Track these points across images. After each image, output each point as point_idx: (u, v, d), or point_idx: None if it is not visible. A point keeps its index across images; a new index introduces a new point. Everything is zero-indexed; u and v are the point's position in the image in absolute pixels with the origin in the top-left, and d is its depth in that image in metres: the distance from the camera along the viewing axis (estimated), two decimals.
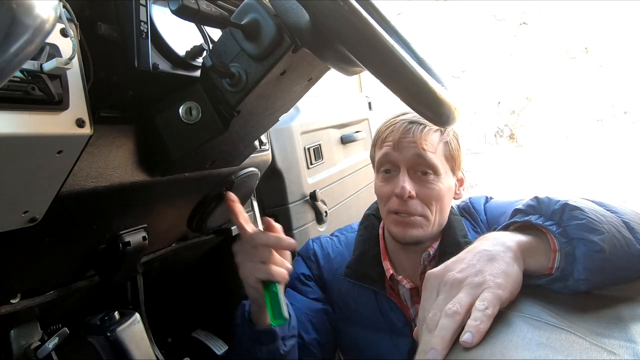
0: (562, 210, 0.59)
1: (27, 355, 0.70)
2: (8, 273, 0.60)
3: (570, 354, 0.43)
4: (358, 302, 1.01)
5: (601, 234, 0.56)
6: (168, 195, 0.75)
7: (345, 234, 1.12)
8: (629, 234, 0.59)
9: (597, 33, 5.70)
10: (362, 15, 0.46)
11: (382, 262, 1.00)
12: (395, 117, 0.99)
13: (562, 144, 5.57)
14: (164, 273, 1.06)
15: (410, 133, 0.93)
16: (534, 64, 5.86)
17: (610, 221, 0.59)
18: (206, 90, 0.59)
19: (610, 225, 0.58)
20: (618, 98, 5.57)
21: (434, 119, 0.57)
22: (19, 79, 0.40)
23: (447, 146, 0.95)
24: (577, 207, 0.59)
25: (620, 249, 0.57)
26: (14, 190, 0.44)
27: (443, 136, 0.95)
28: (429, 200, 0.93)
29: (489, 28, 6.04)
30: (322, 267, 1.06)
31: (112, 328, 0.78)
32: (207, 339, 1.14)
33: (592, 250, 0.55)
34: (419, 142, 0.91)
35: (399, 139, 0.93)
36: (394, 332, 0.97)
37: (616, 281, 0.58)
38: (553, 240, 0.59)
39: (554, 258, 0.58)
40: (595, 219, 0.58)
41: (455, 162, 0.97)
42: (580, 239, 0.56)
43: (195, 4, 0.47)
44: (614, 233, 0.58)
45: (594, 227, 0.57)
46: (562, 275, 0.56)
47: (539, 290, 0.57)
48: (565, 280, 0.56)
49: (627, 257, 0.58)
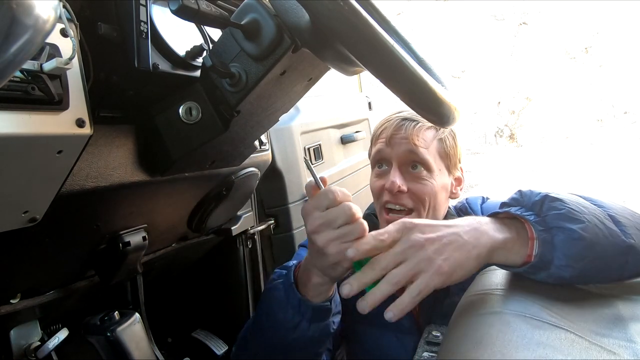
0: (542, 201, 0.62)
1: (27, 355, 0.70)
2: (8, 273, 0.60)
3: (570, 354, 0.43)
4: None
5: (581, 223, 0.58)
6: (168, 195, 0.75)
7: None
8: (613, 226, 0.61)
9: (597, 33, 5.70)
10: (362, 15, 0.46)
11: None
12: (390, 115, 0.99)
13: (562, 144, 5.57)
14: (164, 273, 1.07)
15: (403, 129, 0.93)
16: (534, 64, 5.86)
17: (593, 213, 0.61)
18: (206, 90, 0.59)
19: (592, 217, 0.60)
20: (618, 98, 5.57)
21: (434, 119, 0.57)
22: (19, 79, 0.40)
23: (442, 143, 0.95)
24: (557, 199, 0.61)
25: (604, 238, 0.59)
26: (14, 190, 0.44)
27: (437, 133, 0.95)
28: (420, 195, 0.93)
29: (489, 28, 6.04)
30: None
31: (112, 328, 0.78)
32: (207, 339, 1.14)
33: (571, 237, 0.57)
34: (411, 138, 0.92)
35: (392, 135, 0.94)
36: (400, 331, 0.97)
37: (602, 271, 0.60)
38: (530, 229, 0.61)
39: (532, 246, 0.60)
40: (576, 210, 0.60)
41: (450, 160, 0.97)
42: (559, 227, 0.59)
43: (195, 4, 0.47)
44: (596, 223, 0.60)
45: (574, 217, 0.59)
46: (542, 263, 0.58)
47: (539, 290, 0.57)
48: (547, 268, 0.58)
49: (612, 247, 0.59)
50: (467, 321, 0.54)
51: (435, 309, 0.94)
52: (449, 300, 0.93)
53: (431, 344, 0.80)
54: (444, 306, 0.93)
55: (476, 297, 0.60)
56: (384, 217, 0.95)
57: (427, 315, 0.95)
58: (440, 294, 0.94)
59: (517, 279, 0.62)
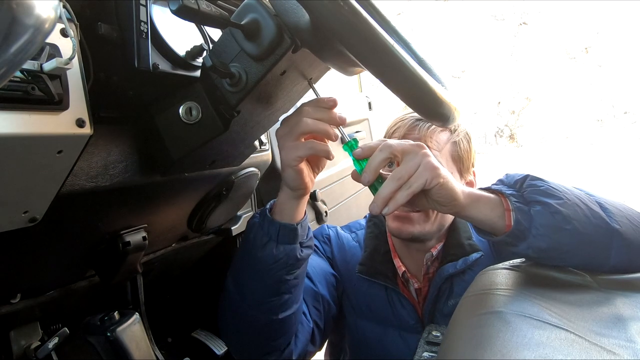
0: (523, 179, 0.67)
1: (27, 355, 0.70)
2: (8, 273, 0.60)
3: (570, 354, 0.43)
4: (368, 296, 1.01)
5: (559, 199, 0.62)
6: (168, 195, 0.75)
7: (356, 232, 1.12)
8: (599, 210, 0.64)
9: (597, 33, 5.70)
10: (362, 15, 0.46)
11: (392, 259, 1.01)
12: (404, 114, 0.99)
13: (562, 144, 5.57)
14: (164, 273, 1.07)
15: (416, 130, 0.93)
16: (534, 64, 5.86)
17: (576, 194, 0.65)
18: (206, 90, 0.59)
19: (573, 197, 0.64)
20: (618, 98, 5.57)
21: (434, 119, 0.57)
22: (19, 79, 0.40)
23: (456, 146, 0.95)
24: (538, 178, 0.66)
25: (584, 217, 0.62)
26: (14, 190, 0.44)
27: (452, 136, 0.95)
28: None
29: (489, 28, 6.04)
30: (335, 254, 1.07)
31: (112, 328, 0.78)
32: (207, 339, 1.14)
33: (548, 210, 0.62)
34: (424, 139, 0.91)
35: (405, 135, 0.94)
36: (404, 329, 0.97)
37: (582, 248, 0.63)
38: (506, 201, 0.66)
39: (509, 217, 0.65)
40: (556, 188, 0.64)
41: (463, 164, 0.96)
42: (537, 201, 0.63)
43: (195, 4, 0.47)
44: (576, 202, 0.63)
45: (552, 194, 0.63)
46: (520, 232, 0.63)
47: (539, 290, 0.57)
48: (525, 237, 0.62)
49: (593, 227, 0.62)
50: (467, 321, 0.54)
51: (439, 309, 0.94)
52: (453, 300, 0.93)
53: (431, 344, 0.80)
54: (448, 306, 0.94)
55: (476, 297, 0.60)
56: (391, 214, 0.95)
57: (431, 314, 0.95)
58: (443, 294, 0.94)
59: (517, 279, 0.62)
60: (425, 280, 0.98)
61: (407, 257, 1.01)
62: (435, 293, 0.94)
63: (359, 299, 1.02)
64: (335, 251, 1.07)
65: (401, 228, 0.93)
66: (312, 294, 0.94)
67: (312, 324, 0.92)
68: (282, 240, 0.74)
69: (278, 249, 0.74)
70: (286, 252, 0.74)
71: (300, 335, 0.87)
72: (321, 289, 0.96)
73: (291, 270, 0.75)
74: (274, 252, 0.73)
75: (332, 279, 1.02)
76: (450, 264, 0.93)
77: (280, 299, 0.77)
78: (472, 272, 0.93)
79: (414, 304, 0.98)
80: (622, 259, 0.63)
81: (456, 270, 0.93)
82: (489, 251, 0.95)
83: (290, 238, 0.74)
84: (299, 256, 0.75)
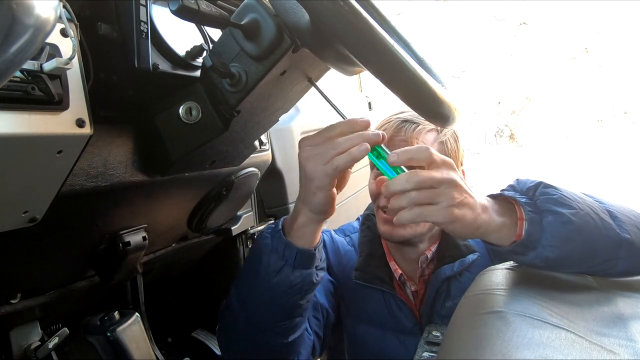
0: (535, 187, 0.65)
1: (27, 355, 0.70)
2: (8, 273, 0.60)
3: (570, 353, 0.43)
4: (366, 300, 1.00)
5: (572, 209, 0.61)
6: (168, 195, 0.75)
7: (350, 235, 1.12)
8: (609, 219, 0.63)
9: (597, 33, 5.70)
10: (362, 15, 0.46)
11: (388, 262, 1.00)
12: (391, 116, 0.98)
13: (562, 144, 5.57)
14: (164, 273, 1.07)
15: (402, 131, 0.91)
16: (534, 64, 5.86)
17: (588, 204, 0.63)
18: (206, 90, 0.59)
19: (586, 206, 0.62)
20: (618, 98, 5.57)
21: (434, 119, 0.57)
22: (19, 79, 0.40)
23: (443, 146, 0.93)
24: (551, 186, 0.64)
25: (595, 228, 0.61)
26: (14, 190, 0.44)
27: (439, 136, 0.93)
28: None
29: (489, 28, 6.04)
30: (331, 259, 1.06)
31: (112, 328, 0.78)
32: (207, 339, 1.14)
33: (559, 221, 0.60)
34: (410, 140, 0.90)
35: (391, 137, 0.92)
36: (402, 332, 0.97)
37: (590, 258, 0.62)
38: (520, 210, 0.63)
39: (521, 226, 0.63)
40: (569, 197, 0.62)
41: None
42: (549, 210, 0.61)
43: (195, 4, 0.47)
44: (588, 212, 0.62)
45: (565, 203, 0.61)
46: (530, 242, 0.61)
47: (540, 290, 0.57)
48: (534, 247, 0.60)
49: (603, 237, 0.61)
50: (467, 321, 0.54)
51: (436, 311, 0.94)
52: (450, 302, 0.93)
53: (431, 344, 0.80)
54: (445, 308, 0.93)
55: (476, 297, 0.60)
56: (380, 216, 0.95)
57: (429, 317, 0.95)
58: (440, 297, 0.94)
59: (517, 279, 0.62)
60: (421, 283, 0.97)
61: (401, 260, 1.00)
62: (432, 296, 0.94)
63: (356, 304, 1.02)
64: (331, 257, 1.06)
65: (392, 232, 0.92)
66: (312, 304, 0.92)
67: (313, 335, 0.90)
68: (298, 265, 0.70)
69: (294, 274, 0.70)
70: (302, 277, 0.70)
71: (302, 350, 0.85)
72: (320, 298, 0.95)
73: (306, 294, 0.73)
74: (290, 278, 0.69)
75: (330, 286, 1.01)
76: (446, 266, 0.93)
77: (291, 322, 0.75)
78: (469, 274, 0.92)
79: (411, 306, 0.98)
80: (629, 267, 0.63)
81: (453, 272, 0.92)
82: (485, 252, 0.95)
83: (308, 263, 0.71)
84: (315, 280, 0.72)
